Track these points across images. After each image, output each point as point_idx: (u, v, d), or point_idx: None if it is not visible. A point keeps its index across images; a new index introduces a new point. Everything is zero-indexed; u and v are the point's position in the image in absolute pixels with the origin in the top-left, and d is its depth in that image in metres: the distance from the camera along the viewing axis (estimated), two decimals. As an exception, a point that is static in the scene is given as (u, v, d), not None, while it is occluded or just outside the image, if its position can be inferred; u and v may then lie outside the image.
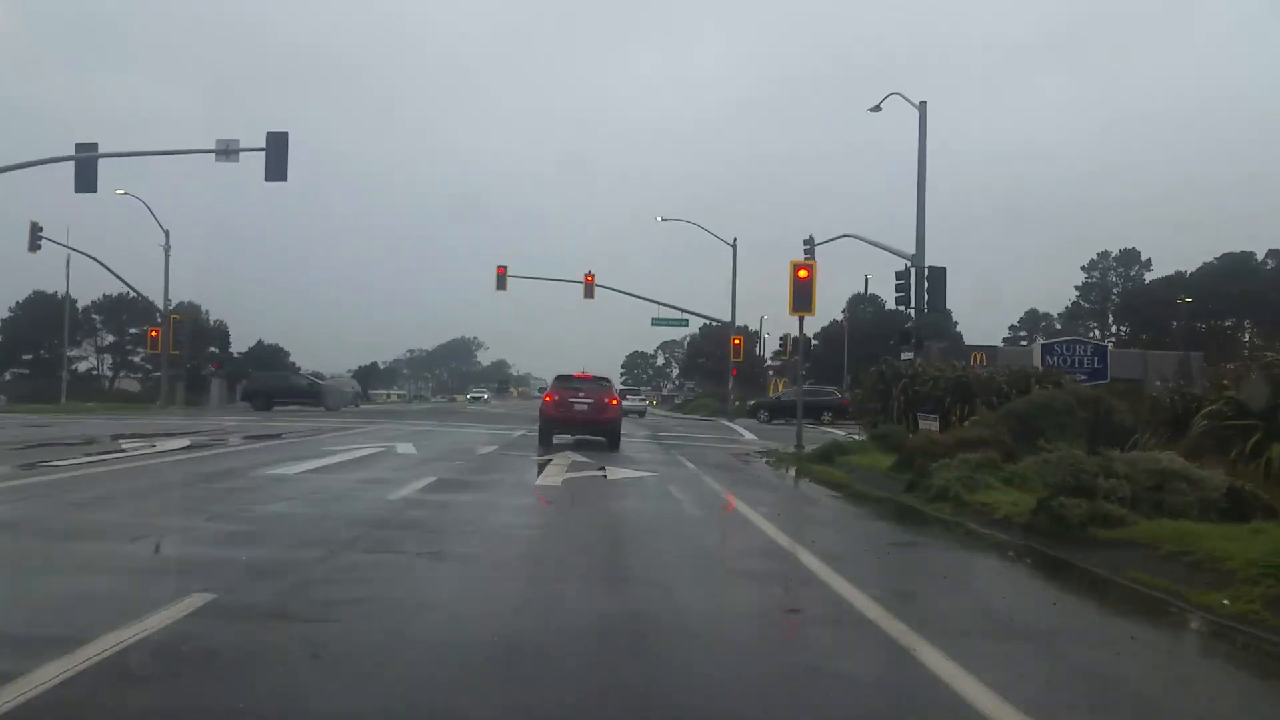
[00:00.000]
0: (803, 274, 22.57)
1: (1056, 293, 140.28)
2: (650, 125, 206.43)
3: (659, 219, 50.03)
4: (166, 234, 50.81)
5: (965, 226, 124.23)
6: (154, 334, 50.90)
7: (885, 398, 22.04)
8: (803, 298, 22.51)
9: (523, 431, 26.14)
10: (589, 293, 48.86)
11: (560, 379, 22.64)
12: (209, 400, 58.67)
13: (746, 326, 78.91)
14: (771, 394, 56.61)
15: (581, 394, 21.62)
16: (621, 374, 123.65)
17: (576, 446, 20.71)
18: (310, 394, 47.90)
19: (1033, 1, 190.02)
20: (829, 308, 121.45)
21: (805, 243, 38.48)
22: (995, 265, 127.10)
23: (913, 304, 26.85)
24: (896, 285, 27.27)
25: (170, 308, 51.08)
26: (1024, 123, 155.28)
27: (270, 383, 50.93)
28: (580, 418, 21.51)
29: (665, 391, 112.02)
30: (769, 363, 73.84)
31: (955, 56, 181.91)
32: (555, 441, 21.51)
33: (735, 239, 50.69)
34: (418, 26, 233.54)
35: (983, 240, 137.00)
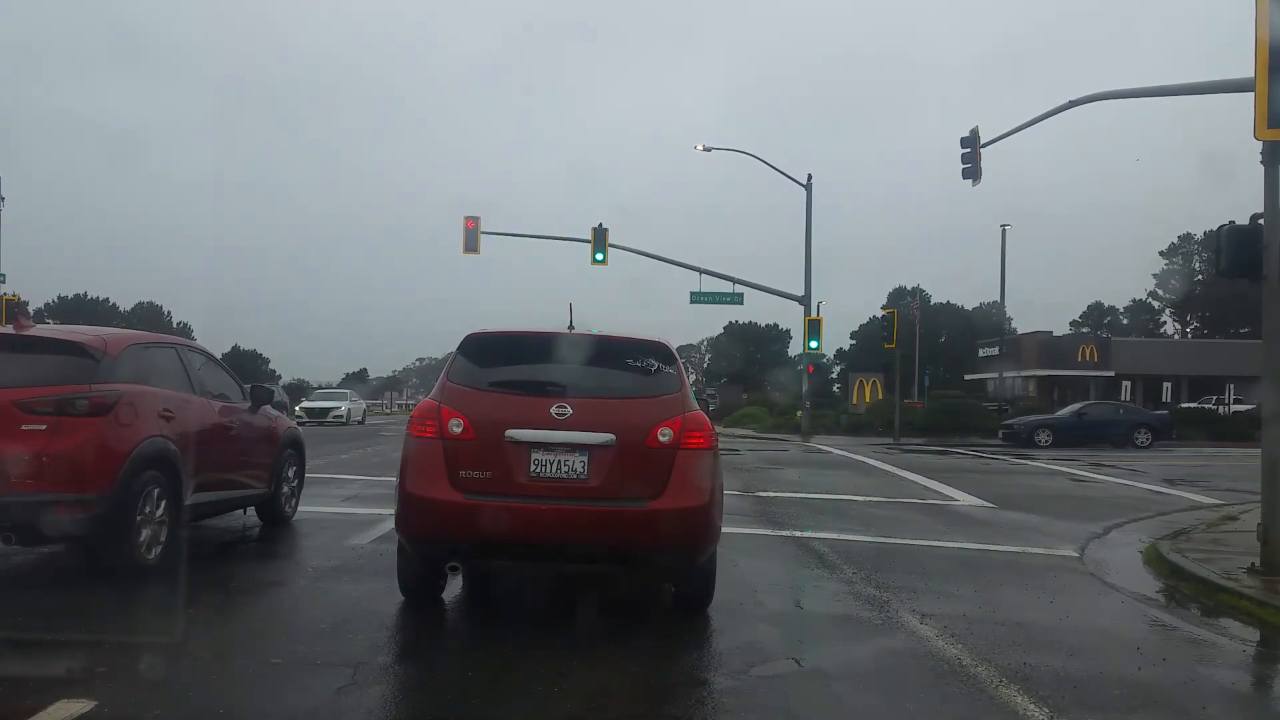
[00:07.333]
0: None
1: (1121, 285, 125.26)
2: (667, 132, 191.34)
3: (699, 147, 34.13)
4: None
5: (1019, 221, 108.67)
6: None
7: None
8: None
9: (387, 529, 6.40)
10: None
11: (475, 349, 5.75)
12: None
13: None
14: (855, 400, 40.74)
15: (565, 408, 5.20)
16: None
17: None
18: None
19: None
20: (863, 307, 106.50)
21: (964, 146, 22.74)
22: (1054, 258, 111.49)
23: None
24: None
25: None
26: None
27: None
28: (556, 517, 5.03)
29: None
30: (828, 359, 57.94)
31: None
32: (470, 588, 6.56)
33: (810, 176, 35.12)
34: (426, 40, 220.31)
35: (1036, 233, 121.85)
